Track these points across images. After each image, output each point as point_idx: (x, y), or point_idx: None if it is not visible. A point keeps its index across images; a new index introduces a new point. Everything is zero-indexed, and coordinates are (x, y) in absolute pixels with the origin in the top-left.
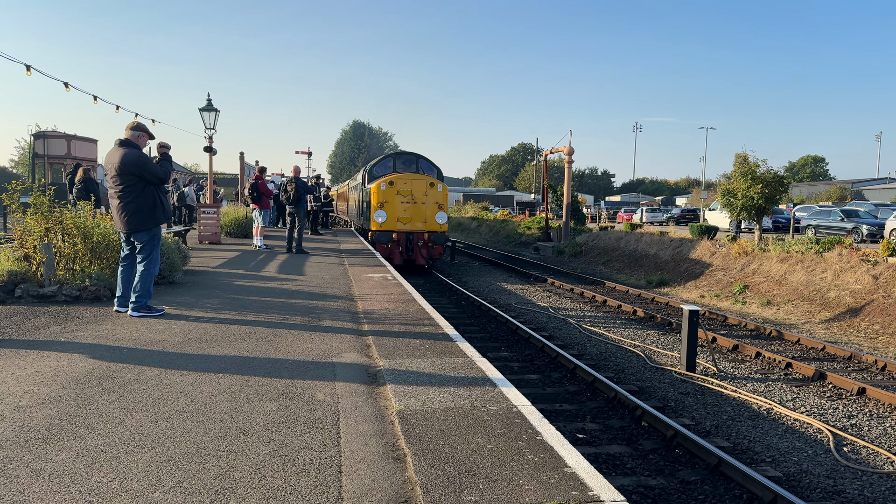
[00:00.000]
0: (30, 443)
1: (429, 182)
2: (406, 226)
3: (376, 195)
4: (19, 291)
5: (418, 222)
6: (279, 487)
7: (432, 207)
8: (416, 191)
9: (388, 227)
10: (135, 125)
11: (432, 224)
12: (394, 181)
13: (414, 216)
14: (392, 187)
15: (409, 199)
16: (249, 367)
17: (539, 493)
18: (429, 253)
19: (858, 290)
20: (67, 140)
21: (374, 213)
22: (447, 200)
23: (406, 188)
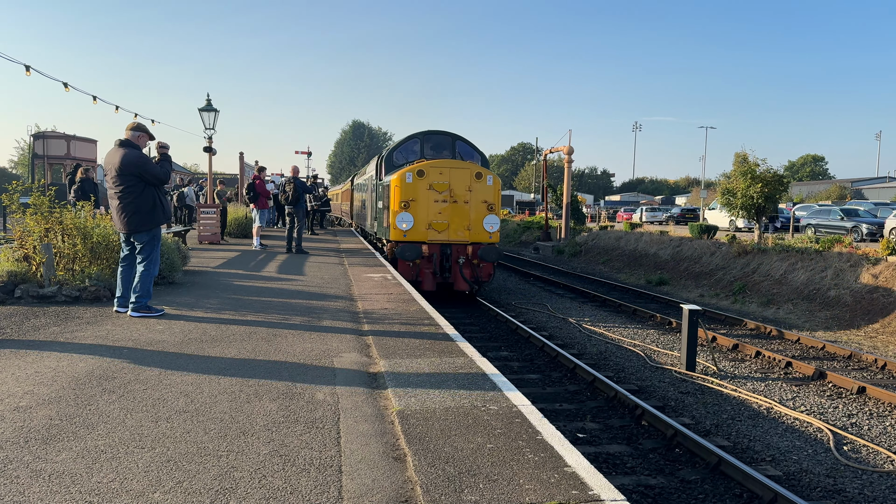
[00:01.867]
0: (30, 443)
1: (474, 172)
2: (442, 235)
3: (399, 191)
4: (19, 292)
5: (459, 230)
6: (279, 487)
7: (479, 209)
8: (457, 184)
9: (415, 237)
10: (135, 126)
11: (479, 232)
12: (424, 171)
13: (453, 221)
14: (422, 180)
15: (446, 196)
16: (249, 367)
17: (539, 492)
18: (473, 274)
19: (858, 288)
20: (67, 140)
21: (396, 218)
22: (499, 199)
23: (442, 181)
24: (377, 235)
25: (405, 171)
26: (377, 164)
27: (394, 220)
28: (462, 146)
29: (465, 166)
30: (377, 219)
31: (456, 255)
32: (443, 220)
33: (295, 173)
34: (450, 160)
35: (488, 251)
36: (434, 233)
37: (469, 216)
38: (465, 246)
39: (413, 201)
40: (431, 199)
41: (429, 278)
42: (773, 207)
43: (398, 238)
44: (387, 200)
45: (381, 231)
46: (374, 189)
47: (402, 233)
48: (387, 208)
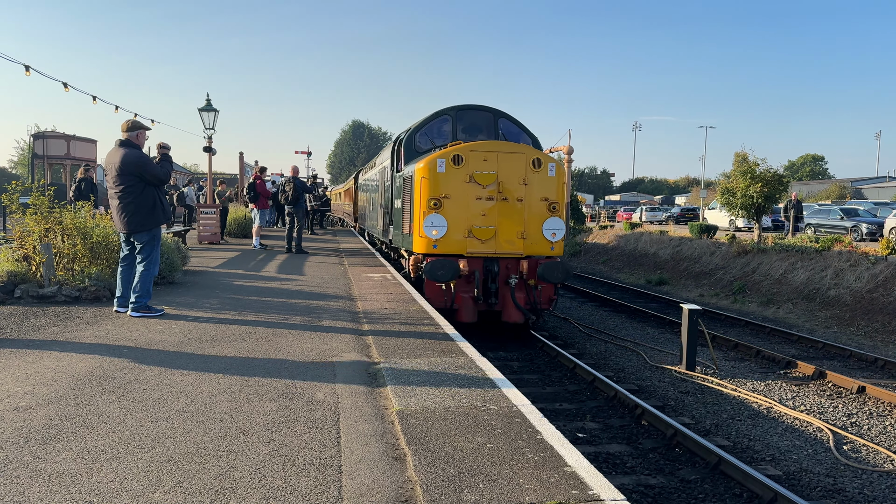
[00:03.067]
0: (30, 443)
1: (530, 158)
2: (486, 245)
3: (427, 185)
4: (19, 292)
5: (511, 238)
6: (279, 487)
7: (537, 209)
8: (508, 175)
9: (449, 249)
10: (130, 124)
11: (537, 242)
12: (462, 156)
13: (502, 226)
14: (459, 168)
15: (492, 191)
16: (249, 367)
17: (539, 492)
18: (530, 299)
19: (858, 288)
20: (67, 140)
21: (423, 222)
22: (564, 194)
23: (487, 170)
24: (392, 244)
25: (435, 158)
26: (394, 151)
27: (419, 225)
28: (507, 126)
29: (518, 150)
30: (393, 223)
31: (505, 274)
32: (488, 224)
33: (294, 173)
34: (497, 142)
35: (551, 269)
36: (476, 242)
37: (524, 219)
38: (518, 261)
39: (446, 199)
40: (472, 195)
41: (468, 306)
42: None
43: (425, 250)
44: (409, 198)
45: (400, 240)
46: (389, 184)
47: (430, 242)
48: (409, 209)
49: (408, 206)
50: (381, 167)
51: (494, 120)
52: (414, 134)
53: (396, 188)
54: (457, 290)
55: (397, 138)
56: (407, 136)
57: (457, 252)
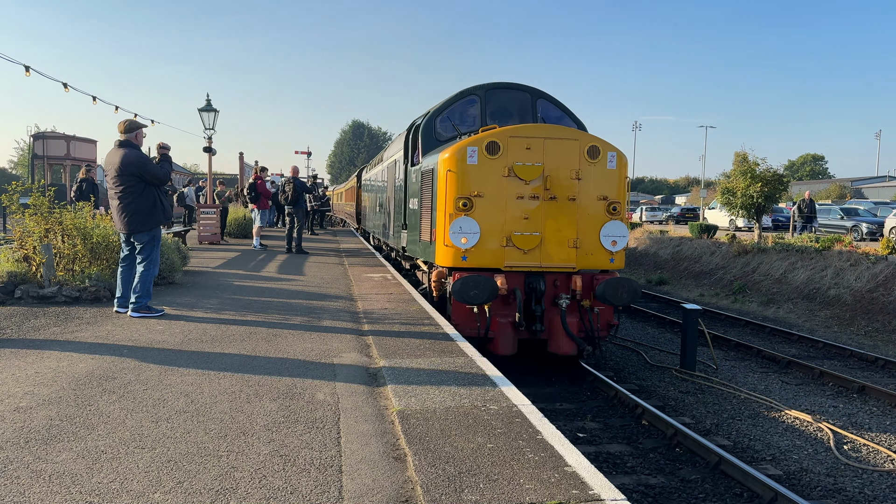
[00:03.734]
0: (30, 444)
1: (586, 146)
2: (530, 257)
3: (454, 180)
4: (19, 292)
5: (560, 247)
6: (279, 487)
7: (593, 210)
8: (557, 167)
9: (483, 261)
10: (128, 125)
11: (593, 251)
12: (500, 143)
13: (550, 232)
14: (495, 159)
15: (537, 188)
16: (249, 367)
17: (540, 492)
18: (583, 324)
19: (859, 288)
20: (67, 141)
21: (450, 227)
22: (626, 192)
23: (531, 161)
24: (406, 253)
25: (465, 146)
26: (408, 141)
27: (445, 231)
28: (547, 108)
29: (570, 134)
30: (407, 228)
31: (553, 293)
32: (531, 230)
33: (294, 173)
34: (544, 125)
35: (615, 288)
36: (516, 253)
37: (576, 224)
38: (569, 276)
39: (479, 197)
40: (511, 193)
41: (506, 334)
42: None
43: (452, 262)
44: (429, 197)
45: (418, 248)
46: (402, 181)
47: (459, 253)
48: (429, 211)
49: (428, 208)
50: (391, 161)
51: (532, 101)
52: (434, 119)
53: (412, 185)
54: (492, 314)
55: (412, 125)
56: (425, 122)
57: (492, 265)
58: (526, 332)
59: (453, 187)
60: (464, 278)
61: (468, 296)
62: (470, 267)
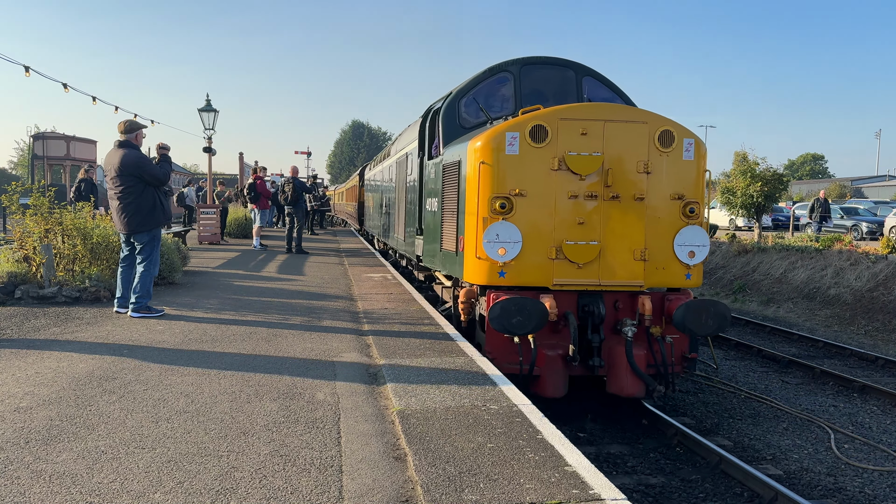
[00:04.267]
0: (30, 444)
1: (656, 131)
2: (586, 272)
3: (489, 176)
4: (19, 293)
5: (625, 260)
6: (280, 487)
7: (667, 212)
8: (620, 157)
9: (525, 278)
10: (127, 125)
11: (664, 264)
12: (548, 126)
13: (612, 241)
14: (541, 149)
15: (595, 185)
16: (250, 367)
17: (540, 491)
18: (653, 357)
19: (859, 287)
20: (66, 141)
21: (482, 234)
22: (704, 189)
23: (588, 150)
24: (422, 263)
25: (503, 131)
26: (424, 129)
27: (477, 239)
28: (595, 88)
29: (637, 116)
30: (424, 234)
31: (613, 318)
32: (588, 238)
33: (294, 173)
34: (604, 105)
35: (698, 312)
36: (569, 268)
37: (645, 229)
38: (634, 296)
39: (521, 197)
40: (562, 191)
41: (556, 371)
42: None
43: (487, 279)
44: (455, 197)
45: (438, 260)
46: (416, 177)
47: (495, 268)
48: (454, 214)
49: (452, 210)
50: (400, 155)
51: (577, 79)
52: (457, 101)
53: (429, 182)
54: (539, 347)
55: (429, 110)
56: (447, 105)
57: (537, 283)
58: (580, 368)
59: (488, 184)
60: (504, 302)
61: (509, 324)
62: (509, 285)
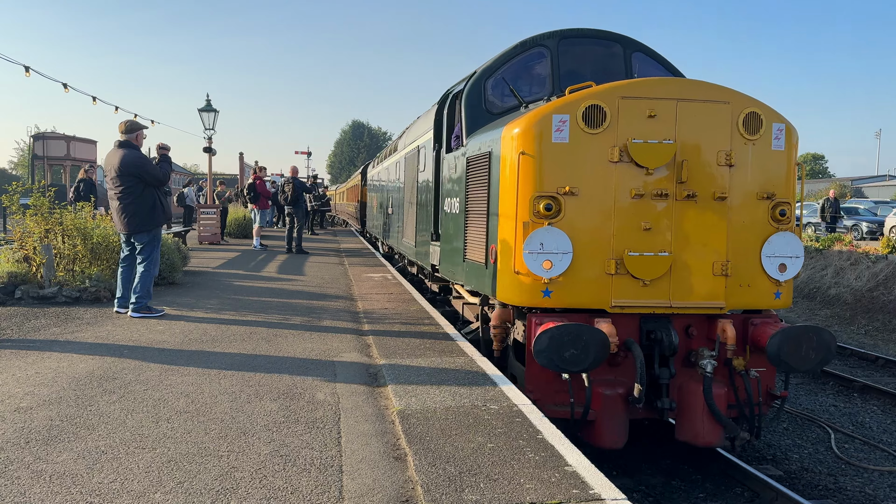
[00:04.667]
0: (31, 444)
1: (740, 113)
2: (653, 290)
3: (531, 169)
4: (19, 293)
5: (702, 275)
6: (280, 487)
7: (754, 215)
8: (696, 145)
9: (577, 298)
10: (128, 125)
11: (749, 279)
12: (605, 107)
13: (686, 250)
14: (596, 135)
15: (665, 181)
16: (250, 367)
17: (540, 491)
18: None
19: (859, 287)
20: (67, 141)
21: (521, 242)
22: (794, 185)
23: (656, 137)
24: (439, 274)
25: (549, 113)
26: (441, 116)
27: (515, 248)
28: (647, 66)
29: (716, 95)
30: (442, 240)
31: (687, 347)
32: (657, 247)
33: (294, 173)
34: (677, 80)
35: (797, 341)
36: (631, 285)
37: (725, 236)
38: (713, 320)
39: (571, 196)
40: (625, 187)
41: (615, 415)
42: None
43: (527, 299)
44: (483, 195)
45: (461, 271)
46: (431, 174)
47: (538, 285)
48: (482, 216)
49: (479, 212)
50: (410, 150)
51: (626, 55)
52: (483, 82)
53: (449, 179)
54: (594, 386)
55: (447, 94)
56: (470, 87)
57: (591, 305)
58: (644, 411)
59: (530, 180)
60: (554, 331)
61: (561, 359)
62: (556, 307)
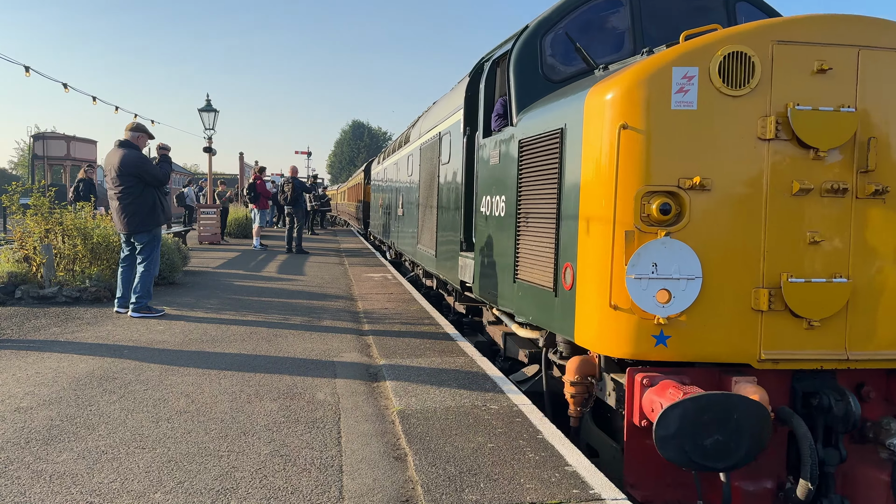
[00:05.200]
0: (31, 444)
1: None
2: (823, 335)
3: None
4: (19, 293)
5: (890, 308)
6: (280, 487)
7: None
8: (886, 117)
9: (704, 348)
10: (134, 126)
11: None
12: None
13: (870, 273)
14: (738, 99)
15: (841, 166)
16: (250, 367)
17: (540, 491)
18: None
19: None
20: (67, 141)
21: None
22: None
23: (829, 103)
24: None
25: (665, 65)
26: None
27: (609, 270)
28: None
29: None
30: (478, 251)
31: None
32: (829, 269)
33: (293, 173)
34: (854, 17)
35: None
36: (791, 327)
37: None
38: (893, 376)
39: (699, 191)
40: (782, 178)
41: None
42: None
43: (631, 347)
44: (550, 191)
45: (512, 297)
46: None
47: (648, 328)
48: (552, 222)
49: (543, 214)
50: (429, 139)
51: (727, 5)
52: (539, 40)
53: (488, 170)
54: (732, 480)
55: (486, 61)
56: (521, 46)
57: (729, 357)
58: None
59: (637, 167)
60: (689, 405)
61: (702, 451)
62: (674, 361)
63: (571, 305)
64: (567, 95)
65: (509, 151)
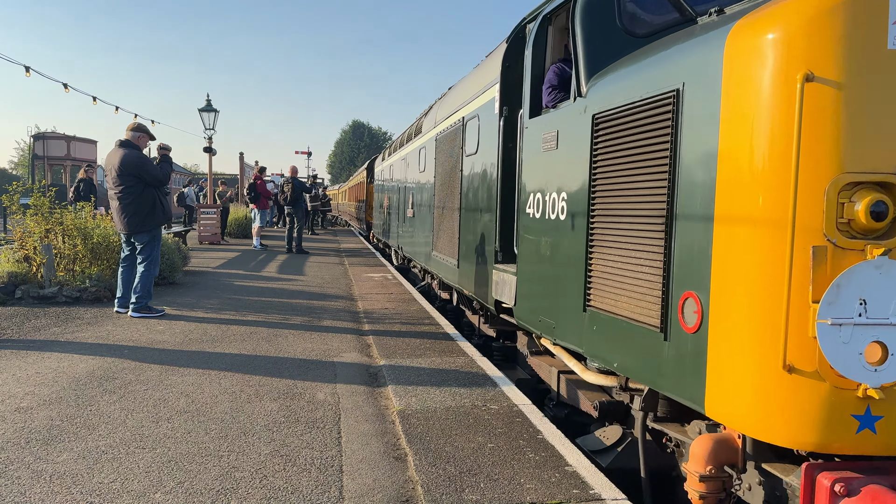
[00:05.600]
0: (31, 444)
1: None
2: None
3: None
4: (20, 293)
5: None
6: (280, 487)
7: None
8: None
9: None
10: (135, 126)
11: None
12: None
13: None
14: None
15: None
16: (250, 367)
17: (540, 491)
18: None
19: None
20: (67, 141)
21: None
22: None
23: None
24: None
25: None
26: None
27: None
28: None
29: None
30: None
31: None
32: None
33: (293, 173)
34: None
35: None
36: None
37: None
38: None
39: None
40: None
41: None
42: None
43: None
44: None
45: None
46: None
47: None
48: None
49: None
50: (447, 126)
51: None
52: None
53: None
54: None
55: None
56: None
57: None
58: None
59: (831, 140)
60: None
61: None
62: (876, 455)
63: (699, 358)
64: (679, 42)
65: (575, 131)
